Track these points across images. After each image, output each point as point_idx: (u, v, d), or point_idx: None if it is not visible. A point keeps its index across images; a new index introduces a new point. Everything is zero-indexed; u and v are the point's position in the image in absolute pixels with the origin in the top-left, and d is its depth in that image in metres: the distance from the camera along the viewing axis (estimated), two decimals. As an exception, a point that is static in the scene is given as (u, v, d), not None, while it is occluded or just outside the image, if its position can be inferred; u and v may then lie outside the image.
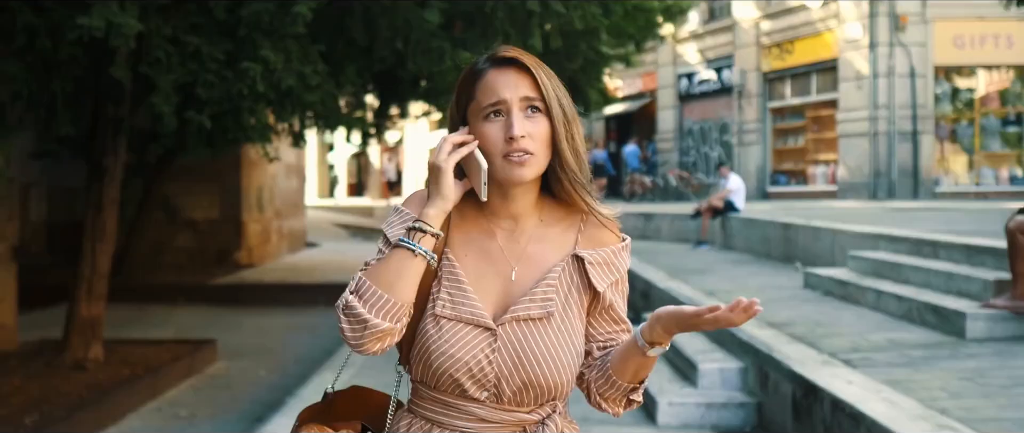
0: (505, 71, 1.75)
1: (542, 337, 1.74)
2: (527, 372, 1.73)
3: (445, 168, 1.73)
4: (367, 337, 1.68)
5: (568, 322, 1.77)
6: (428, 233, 1.73)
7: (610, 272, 1.81)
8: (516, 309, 1.75)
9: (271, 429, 5.98)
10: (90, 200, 8.26)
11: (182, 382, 8.66)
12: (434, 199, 1.75)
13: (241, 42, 5.61)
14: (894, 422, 3.90)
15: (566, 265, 1.80)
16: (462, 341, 1.73)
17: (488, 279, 1.79)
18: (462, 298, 1.76)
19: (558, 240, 1.82)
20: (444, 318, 1.75)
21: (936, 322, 6.20)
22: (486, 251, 1.81)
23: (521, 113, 1.73)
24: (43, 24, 5.47)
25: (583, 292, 1.80)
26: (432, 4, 5.85)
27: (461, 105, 1.80)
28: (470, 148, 1.73)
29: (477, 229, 1.82)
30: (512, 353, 1.73)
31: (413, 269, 1.71)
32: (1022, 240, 5.75)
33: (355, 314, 1.68)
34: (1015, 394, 4.45)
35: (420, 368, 1.78)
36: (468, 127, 1.78)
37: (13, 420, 6.64)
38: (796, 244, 11.12)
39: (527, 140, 1.72)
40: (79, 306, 8.33)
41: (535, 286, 1.77)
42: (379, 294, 1.68)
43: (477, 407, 1.75)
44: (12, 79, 5.76)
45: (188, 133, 6.58)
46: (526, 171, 1.73)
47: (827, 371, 5.03)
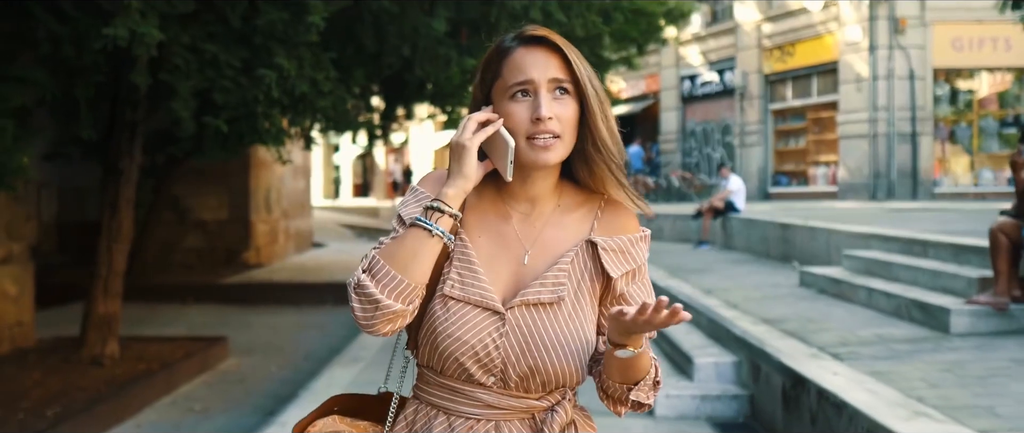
0: (534, 50, 1.70)
1: (551, 323, 1.69)
2: (534, 358, 1.68)
3: (470, 147, 1.68)
4: (378, 318, 1.63)
5: (579, 309, 1.73)
6: (446, 213, 1.67)
7: (625, 261, 1.76)
8: (526, 293, 1.70)
9: (284, 420, 6.21)
10: (106, 201, 8.51)
11: (195, 377, 8.90)
12: (455, 178, 1.69)
13: (257, 50, 5.87)
14: (873, 410, 4.15)
15: (580, 250, 1.76)
16: (469, 324, 1.69)
17: (500, 262, 1.74)
18: (472, 279, 1.71)
19: (575, 226, 1.78)
20: (452, 299, 1.70)
21: (922, 318, 6.45)
22: (500, 233, 1.76)
23: (549, 95, 1.68)
24: (67, 32, 5.74)
25: (596, 279, 1.76)
26: (439, 13, 6.12)
27: (486, 83, 1.75)
28: (495, 127, 1.68)
29: (493, 211, 1.78)
30: (519, 338, 1.68)
31: (429, 250, 1.66)
32: (1003, 239, 6.00)
33: (367, 294, 1.63)
34: (989, 383, 4.70)
35: (427, 351, 1.73)
36: (492, 106, 1.73)
37: (35, 412, 6.89)
38: (794, 244, 11.37)
39: (554, 122, 1.67)
40: (96, 303, 8.58)
41: (547, 270, 1.73)
42: (392, 274, 1.63)
43: (484, 393, 1.71)
44: (36, 84, 6.03)
45: (205, 136, 6.84)
46: (551, 155, 1.68)
47: (815, 364, 5.28)
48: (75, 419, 6.85)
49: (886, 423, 3.92)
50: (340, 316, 11.57)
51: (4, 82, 5.82)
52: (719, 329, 6.89)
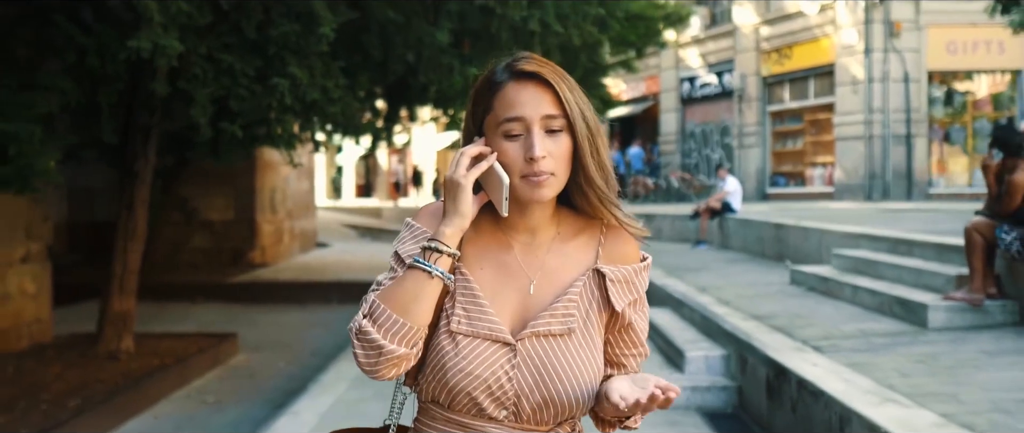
0: (525, 86, 1.65)
1: (563, 353, 1.67)
2: (548, 389, 1.65)
3: (464, 185, 1.65)
4: (382, 363, 1.60)
5: (589, 338, 1.70)
6: (445, 253, 1.65)
7: (629, 291, 1.74)
8: (536, 324, 1.67)
9: (295, 410, 6.53)
10: (122, 202, 8.83)
11: (208, 372, 9.22)
12: (451, 217, 1.66)
13: (270, 60, 6.21)
14: (847, 396, 4.48)
15: (587, 280, 1.73)
16: (480, 357, 1.65)
17: (505, 293, 1.71)
18: (478, 313, 1.68)
19: (577, 254, 1.75)
20: (461, 334, 1.67)
21: (903, 313, 6.77)
22: (503, 264, 1.73)
23: (541, 132, 1.64)
24: (91, 43, 6.07)
25: (603, 309, 1.73)
26: (442, 24, 6.45)
27: (477, 116, 1.72)
28: (489, 162, 1.66)
29: (493, 242, 1.75)
30: (533, 369, 1.66)
31: (429, 291, 1.63)
32: (978, 238, 6.33)
33: (370, 340, 1.60)
34: (957, 373, 5.02)
35: (433, 387, 1.69)
36: (484, 138, 1.70)
37: (57, 403, 7.22)
38: (787, 243, 11.68)
39: (548, 160, 1.64)
40: (112, 300, 8.92)
41: (555, 301, 1.70)
42: (394, 318, 1.60)
43: (495, 427, 1.68)
44: (62, 92, 6.36)
45: (221, 140, 7.18)
46: (545, 192, 1.65)
47: (797, 356, 5.60)
48: (95, 410, 7.18)
49: (857, 408, 4.25)
50: (345, 314, 11.84)
51: (32, 90, 6.15)
52: (710, 325, 7.21)
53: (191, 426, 7.39)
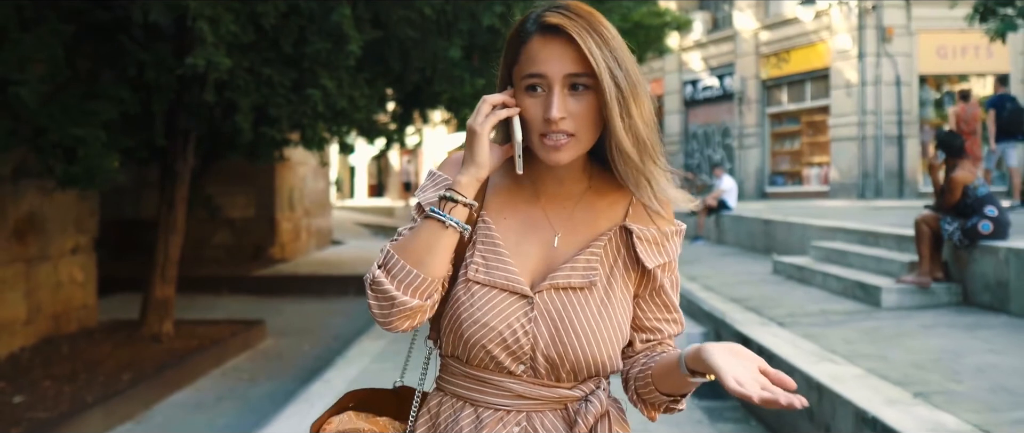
0: (550, 41, 1.54)
1: (582, 308, 1.59)
2: (564, 344, 1.58)
3: (480, 132, 1.57)
4: (395, 315, 1.55)
5: (612, 295, 1.62)
6: (460, 203, 1.58)
7: (659, 253, 1.65)
8: (556, 276, 1.60)
9: (327, 378, 7.43)
10: (163, 198, 9.74)
11: (240, 353, 10.11)
12: (467, 166, 1.59)
13: (305, 73, 7.09)
14: (793, 357, 5.35)
15: (613, 236, 1.65)
16: (495, 308, 1.59)
17: (528, 244, 1.65)
18: (497, 263, 1.62)
19: (607, 210, 1.68)
20: (476, 283, 1.61)
21: (862, 295, 7.64)
22: (528, 216, 1.67)
23: (563, 91, 1.53)
24: (150, 58, 6.99)
25: (630, 268, 1.66)
26: (454, 41, 7.32)
27: (507, 66, 1.63)
28: (507, 112, 1.58)
29: (520, 192, 1.68)
30: (549, 323, 1.58)
31: (444, 242, 1.56)
32: (925, 229, 7.19)
33: (382, 290, 1.55)
34: (893, 341, 5.88)
35: (451, 339, 1.63)
36: (513, 88, 1.60)
37: (113, 377, 8.12)
38: (775, 237, 12.54)
39: (567, 121, 1.53)
40: (154, 288, 9.83)
41: (578, 253, 1.63)
42: (408, 270, 1.54)
43: (513, 382, 1.61)
44: (121, 100, 7.27)
45: (260, 143, 8.09)
46: (562, 155, 1.55)
47: (761, 329, 6.48)
48: (147, 383, 8.08)
49: (798, 365, 5.13)
50: (363, 304, 12.58)
51: (96, 99, 7.06)
52: (693, 306, 8.08)
53: (231, 397, 8.28)
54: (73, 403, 7.22)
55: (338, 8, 6.72)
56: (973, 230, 6.95)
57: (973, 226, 6.95)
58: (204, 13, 6.33)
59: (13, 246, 8.92)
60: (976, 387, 4.52)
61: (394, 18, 7.20)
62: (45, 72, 6.86)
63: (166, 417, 7.65)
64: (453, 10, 7.24)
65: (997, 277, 6.77)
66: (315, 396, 6.75)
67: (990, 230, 6.92)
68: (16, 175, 8.82)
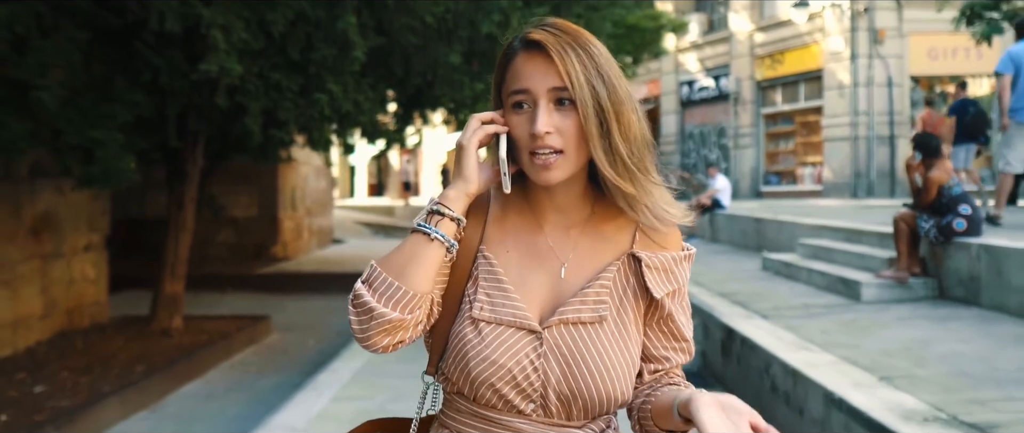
0: (533, 57, 1.52)
1: (594, 342, 1.54)
2: (577, 380, 1.53)
3: (468, 148, 1.56)
4: (374, 328, 1.50)
5: (622, 327, 1.58)
6: (446, 216, 1.55)
7: (668, 280, 1.61)
8: (565, 311, 1.56)
9: (334, 368, 7.78)
10: (173, 198, 10.09)
11: (247, 348, 10.47)
12: (456, 180, 1.58)
13: (312, 78, 7.45)
14: (772, 347, 5.71)
15: (622, 265, 1.61)
16: (504, 345, 1.54)
17: (534, 277, 1.60)
18: (502, 299, 1.57)
19: (614, 237, 1.63)
20: (483, 321, 1.56)
21: (843, 290, 7.99)
22: (532, 246, 1.62)
23: (549, 106, 1.51)
24: (164, 64, 7.34)
25: (640, 297, 1.60)
26: (454, 47, 7.69)
27: (497, 85, 1.61)
28: (497, 128, 1.56)
29: (521, 221, 1.64)
30: (560, 358, 1.54)
31: (428, 255, 1.53)
32: (903, 226, 7.55)
33: (362, 303, 1.51)
34: (868, 331, 6.23)
35: (457, 378, 1.58)
36: (503, 109, 1.58)
37: (127, 369, 8.46)
38: (765, 235, 12.90)
39: (554, 137, 1.50)
40: (164, 284, 10.18)
41: (586, 286, 1.58)
42: (388, 282, 1.50)
43: (522, 422, 1.56)
44: (136, 104, 7.62)
45: (269, 144, 8.45)
46: (552, 174, 1.52)
47: (745, 321, 6.83)
48: (159, 374, 8.43)
49: (777, 354, 5.48)
50: (365, 300, 13.06)
51: (113, 103, 7.41)
52: (683, 301, 8.42)
53: (240, 388, 8.63)
54: (91, 393, 7.57)
55: (344, 16, 7.07)
56: (948, 228, 7.30)
57: (948, 224, 7.30)
58: (217, 21, 6.69)
59: (30, 243, 9.28)
60: (938, 372, 4.87)
61: (397, 25, 7.56)
62: (64, 77, 7.21)
63: (179, 407, 8.01)
64: (453, 18, 7.61)
65: (970, 272, 7.13)
66: (323, 386, 7.08)
67: (964, 228, 7.27)
68: (32, 175, 9.18)
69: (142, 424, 7.46)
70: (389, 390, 6.60)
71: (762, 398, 5.56)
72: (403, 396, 1.49)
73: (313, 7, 7.14)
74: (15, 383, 7.86)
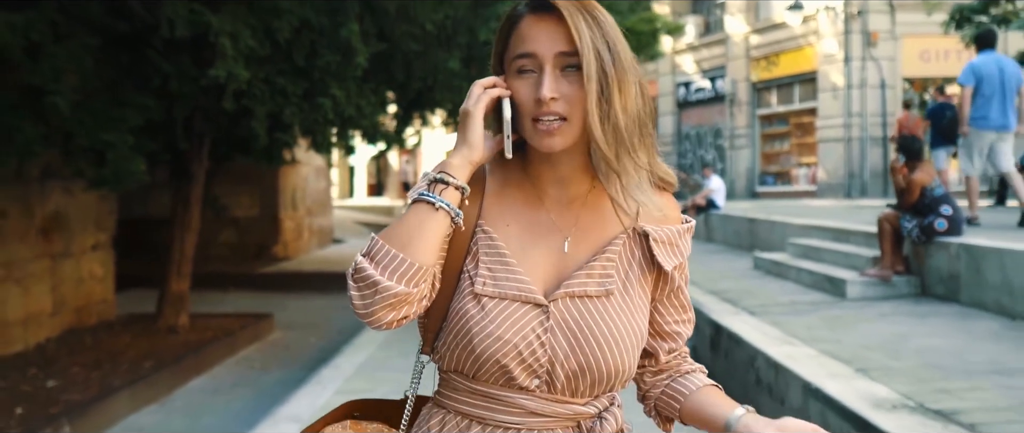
0: (542, 19, 1.48)
1: (601, 315, 1.51)
2: (585, 354, 1.49)
3: (474, 113, 1.50)
4: (378, 303, 1.43)
5: (629, 300, 1.54)
6: (450, 185, 1.49)
7: (674, 253, 1.59)
8: (570, 284, 1.52)
9: (336, 363, 8.05)
10: (179, 198, 10.35)
11: (251, 345, 10.72)
12: (459, 147, 1.52)
13: (316, 83, 7.72)
14: (758, 341, 5.98)
15: (627, 238, 1.58)
16: (510, 320, 1.49)
17: (536, 251, 1.55)
18: (505, 273, 1.52)
19: (616, 210, 1.57)
20: (486, 296, 1.51)
21: (830, 288, 8.26)
22: (533, 220, 1.58)
23: (555, 71, 1.47)
24: (174, 69, 7.61)
25: (646, 270, 1.58)
26: (453, 53, 7.97)
27: (498, 53, 1.57)
28: (501, 92, 1.51)
29: (520, 195, 1.59)
30: (568, 332, 1.50)
31: (433, 225, 1.47)
32: (887, 226, 7.82)
33: (365, 276, 1.44)
34: (850, 327, 6.50)
35: (457, 355, 1.53)
36: (504, 77, 1.54)
37: (135, 365, 8.72)
38: (758, 235, 13.17)
39: (560, 103, 1.46)
40: (170, 283, 10.44)
41: (592, 259, 1.55)
42: (392, 253, 1.44)
43: (525, 398, 1.51)
44: (146, 107, 7.88)
45: (274, 147, 8.74)
46: (556, 141, 1.48)
47: (733, 317, 7.10)
48: (167, 370, 8.69)
49: (762, 348, 5.75)
50: (366, 298, 13.31)
51: (124, 107, 7.67)
52: (675, 298, 8.69)
53: (245, 383, 8.90)
54: (102, 387, 7.84)
55: (347, 23, 7.34)
56: (930, 227, 7.57)
57: (930, 224, 7.57)
58: (225, 28, 6.96)
59: (40, 243, 9.54)
60: (912, 364, 5.14)
61: (398, 32, 7.84)
62: (76, 82, 7.47)
63: (187, 401, 8.28)
64: (452, 25, 7.89)
65: (950, 270, 7.40)
66: (326, 379, 7.35)
67: (945, 228, 7.54)
68: (43, 176, 9.45)
69: (152, 417, 7.73)
70: (391, 383, 6.86)
71: (747, 390, 5.83)
72: (404, 388, 1.54)
73: (317, 15, 7.41)
74: (28, 378, 8.13)
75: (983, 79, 8.84)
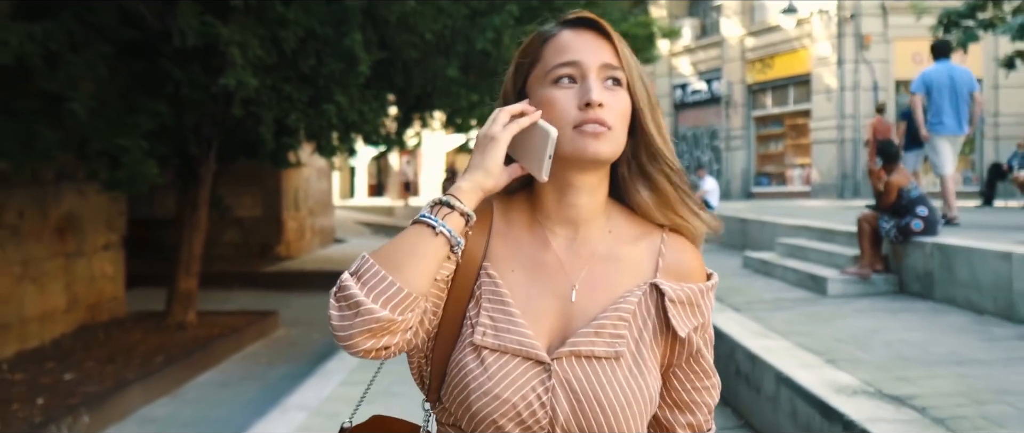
0: (582, 33, 1.43)
1: (608, 380, 1.38)
2: (588, 419, 1.37)
3: (499, 139, 1.38)
4: (357, 326, 1.29)
5: (641, 363, 1.41)
6: (455, 209, 1.36)
7: (693, 315, 1.46)
8: (577, 342, 1.39)
9: (340, 357, 8.41)
10: (187, 200, 10.74)
11: (256, 341, 11.11)
12: (473, 171, 1.40)
13: (321, 90, 8.12)
14: (737, 334, 6.34)
15: (643, 296, 1.44)
16: (509, 378, 1.37)
17: (541, 300, 1.43)
18: (507, 324, 1.40)
19: (632, 260, 1.46)
20: (486, 349, 1.39)
21: (812, 285, 8.63)
22: (539, 264, 1.45)
23: (599, 82, 1.39)
24: (185, 78, 7.98)
25: (660, 331, 1.44)
26: (452, 62, 8.36)
27: (520, 73, 1.48)
28: (533, 118, 1.40)
29: (528, 237, 1.47)
30: (570, 394, 1.37)
31: (430, 250, 1.34)
32: (866, 226, 8.19)
33: (348, 296, 1.31)
34: (827, 322, 6.86)
35: (454, 409, 1.42)
36: (528, 100, 1.44)
37: (147, 360, 9.11)
38: (749, 235, 13.54)
39: (607, 111, 1.38)
40: (179, 281, 10.83)
41: (602, 315, 1.41)
42: (381, 275, 1.31)
43: None
44: (158, 114, 8.26)
45: (280, 150, 9.13)
46: (602, 146, 1.38)
47: (718, 314, 7.44)
48: (178, 364, 9.07)
49: (741, 341, 6.11)
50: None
51: (138, 113, 8.05)
52: (665, 296, 9.06)
53: (252, 377, 9.28)
54: (116, 380, 8.22)
55: (350, 33, 7.73)
56: (906, 228, 7.93)
57: (906, 224, 7.94)
58: (234, 39, 7.34)
59: (55, 242, 9.93)
60: (878, 356, 5.50)
61: (399, 41, 8.22)
62: (93, 89, 7.85)
63: (197, 393, 8.66)
64: (451, 34, 8.27)
65: (925, 268, 7.77)
66: (332, 372, 7.72)
67: (921, 228, 7.90)
68: (57, 179, 9.83)
69: (164, 409, 8.11)
70: (393, 375, 7.19)
71: (728, 380, 6.20)
72: (406, 379, 1.66)
73: (322, 25, 7.79)
74: (46, 371, 8.51)
75: (933, 87, 9.54)
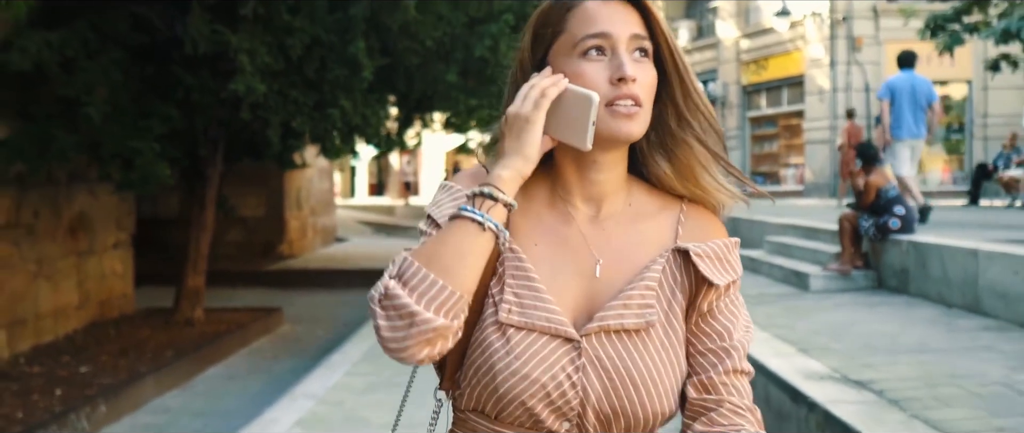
0: (609, 3, 1.33)
1: (640, 353, 1.31)
2: (620, 397, 1.29)
3: (534, 119, 1.29)
4: (413, 337, 1.20)
5: (672, 333, 1.34)
6: (500, 201, 1.27)
7: (724, 269, 1.38)
8: (605, 316, 1.32)
9: (343, 350, 8.80)
10: (195, 200, 11.10)
11: (262, 337, 11.46)
12: (511, 157, 1.29)
13: (325, 95, 8.50)
14: (720, 327, 6.71)
15: (667, 262, 1.37)
16: (537, 357, 1.29)
17: (565, 275, 1.36)
18: (533, 300, 1.32)
19: (653, 232, 1.39)
20: (512, 327, 1.31)
21: (796, 281, 9.01)
22: (562, 239, 1.38)
23: (629, 54, 1.31)
24: (196, 83, 8.36)
25: (686, 295, 1.37)
26: (452, 67, 8.75)
27: (542, 43, 1.37)
28: (562, 86, 1.30)
29: (549, 212, 1.40)
30: (601, 372, 1.30)
31: (479, 248, 1.26)
32: (846, 224, 8.57)
33: (398, 305, 1.20)
34: (805, 315, 7.24)
35: (478, 393, 1.33)
36: (550, 69, 1.34)
37: (157, 354, 9.47)
38: (740, 233, 13.88)
39: (639, 86, 1.30)
40: (187, 279, 11.18)
41: (629, 287, 1.34)
42: (431, 279, 1.21)
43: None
44: (170, 118, 8.63)
45: (286, 152, 9.51)
46: (635, 125, 1.31)
47: (704, 307, 7.83)
48: (187, 358, 9.43)
49: (723, 332, 6.48)
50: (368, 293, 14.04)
51: (150, 117, 8.43)
52: (655, 292, 9.44)
53: (258, 371, 9.64)
54: (130, 373, 8.58)
55: (354, 41, 8.10)
56: (884, 226, 8.32)
57: (884, 223, 8.32)
58: (243, 46, 7.71)
59: (67, 241, 10.29)
60: (849, 345, 5.88)
61: (400, 48, 8.59)
62: (107, 94, 8.22)
63: (206, 386, 9.03)
64: (450, 41, 8.65)
65: (901, 265, 8.14)
66: (336, 364, 8.10)
67: (898, 226, 8.29)
68: (70, 179, 10.19)
69: (176, 400, 8.48)
70: (395, 366, 7.60)
71: (710, 370, 6.57)
72: (407, 370, 1.64)
73: (327, 33, 8.16)
74: (62, 364, 8.87)
75: (896, 93, 10.16)
